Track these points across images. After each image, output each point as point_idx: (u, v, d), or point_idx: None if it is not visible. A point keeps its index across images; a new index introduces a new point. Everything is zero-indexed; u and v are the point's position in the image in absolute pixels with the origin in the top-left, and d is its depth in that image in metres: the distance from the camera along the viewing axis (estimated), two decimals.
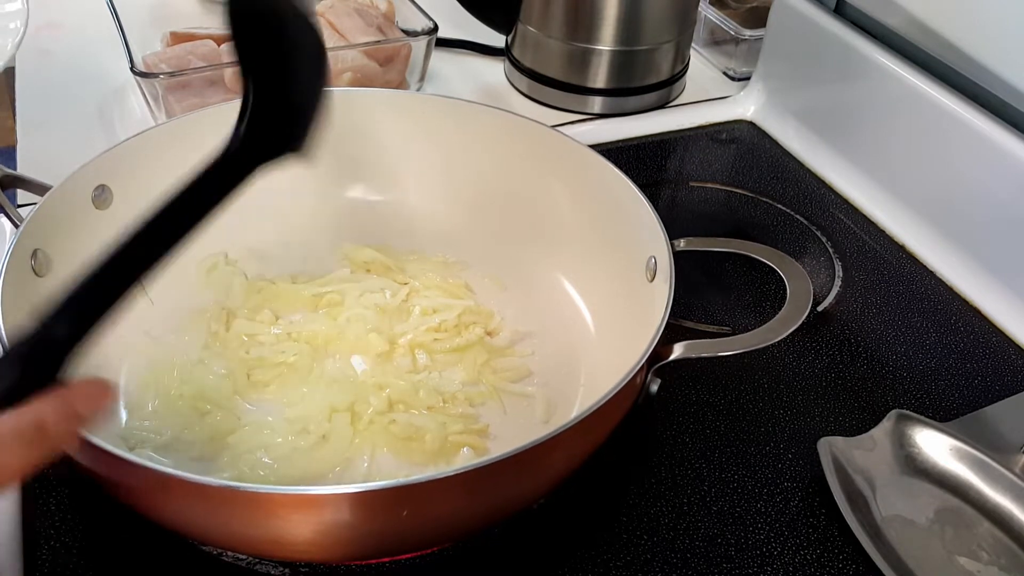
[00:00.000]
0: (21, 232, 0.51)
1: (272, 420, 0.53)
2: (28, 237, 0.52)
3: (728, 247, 0.55)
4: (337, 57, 0.77)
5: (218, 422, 0.52)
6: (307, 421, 0.52)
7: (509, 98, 0.86)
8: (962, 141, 0.66)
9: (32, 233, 0.52)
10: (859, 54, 0.73)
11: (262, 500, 0.39)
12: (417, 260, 0.63)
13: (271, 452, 0.51)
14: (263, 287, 0.61)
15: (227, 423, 0.52)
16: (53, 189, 0.54)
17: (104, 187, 0.57)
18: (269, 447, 0.51)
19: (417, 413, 0.53)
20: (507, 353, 0.58)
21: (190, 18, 0.92)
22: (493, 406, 0.55)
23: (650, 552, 0.49)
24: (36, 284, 0.52)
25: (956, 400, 0.58)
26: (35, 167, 0.68)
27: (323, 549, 0.43)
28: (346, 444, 0.51)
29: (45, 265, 0.53)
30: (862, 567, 0.48)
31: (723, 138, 0.83)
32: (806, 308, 0.49)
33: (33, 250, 0.52)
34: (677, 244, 0.53)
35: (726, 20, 0.90)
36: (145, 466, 0.39)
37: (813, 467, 0.52)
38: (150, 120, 0.77)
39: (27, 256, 0.51)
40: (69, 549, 0.47)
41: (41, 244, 0.52)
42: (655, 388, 0.48)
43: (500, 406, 0.55)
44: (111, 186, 0.57)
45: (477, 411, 0.54)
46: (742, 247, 0.54)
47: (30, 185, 0.57)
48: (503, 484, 0.43)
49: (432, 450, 0.51)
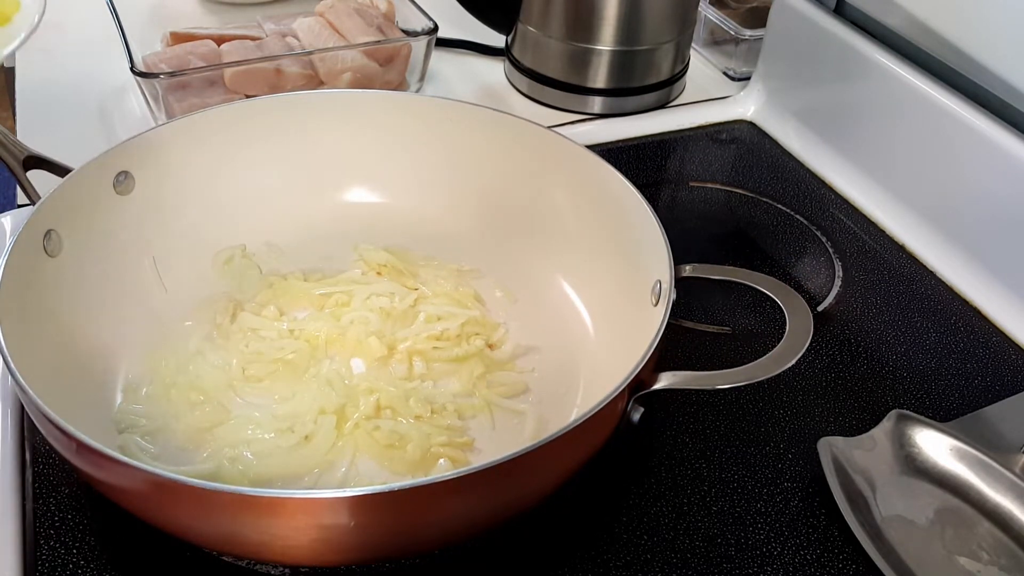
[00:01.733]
0: (37, 210, 0.52)
1: (259, 416, 0.53)
2: (43, 216, 0.52)
3: (734, 276, 0.53)
4: (337, 57, 0.77)
5: (207, 413, 0.53)
6: (294, 420, 0.52)
7: (509, 98, 0.86)
8: (962, 141, 0.66)
9: (48, 213, 0.52)
10: (859, 54, 0.73)
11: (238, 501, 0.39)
12: (433, 267, 0.63)
13: (253, 447, 0.51)
14: (274, 282, 0.61)
15: (216, 415, 0.52)
16: (75, 171, 0.55)
17: (127, 173, 0.58)
18: (252, 443, 0.51)
19: (403, 421, 0.53)
20: (506, 367, 0.57)
21: (190, 18, 0.92)
22: (483, 420, 0.54)
23: (650, 552, 0.49)
24: (45, 264, 0.52)
25: (956, 400, 0.58)
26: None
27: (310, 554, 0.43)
28: (328, 446, 0.51)
29: (57, 246, 0.53)
30: (862, 567, 0.48)
31: (723, 138, 0.83)
32: (802, 347, 0.48)
33: (47, 230, 0.52)
34: (683, 270, 0.52)
35: (726, 20, 0.90)
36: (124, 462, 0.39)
37: (813, 467, 0.52)
38: (150, 120, 0.77)
39: (40, 235, 0.52)
40: (69, 549, 0.47)
41: (55, 225, 0.53)
42: (637, 417, 0.46)
43: (490, 420, 0.54)
44: (134, 173, 0.58)
45: (465, 424, 0.54)
46: (749, 278, 0.53)
47: (53, 167, 0.57)
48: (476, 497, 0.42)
49: (412, 460, 0.51)
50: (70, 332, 0.53)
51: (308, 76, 0.78)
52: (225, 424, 0.52)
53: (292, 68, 0.77)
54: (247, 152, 0.64)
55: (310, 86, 0.78)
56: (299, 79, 0.77)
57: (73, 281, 0.54)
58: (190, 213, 0.62)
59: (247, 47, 0.79)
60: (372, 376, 0.56)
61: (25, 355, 0.44)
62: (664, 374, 0.47)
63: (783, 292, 0.52)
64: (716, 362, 0.59)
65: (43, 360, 0.48)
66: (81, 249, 0.55)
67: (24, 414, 0.54)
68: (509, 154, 0.63)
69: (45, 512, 0.49)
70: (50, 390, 0.43)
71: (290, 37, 0.82)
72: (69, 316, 0.53)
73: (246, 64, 0.75)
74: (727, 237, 0.72)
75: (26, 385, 0.42)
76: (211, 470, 0.49)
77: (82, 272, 0.55)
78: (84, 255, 0.55)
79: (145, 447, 0.51)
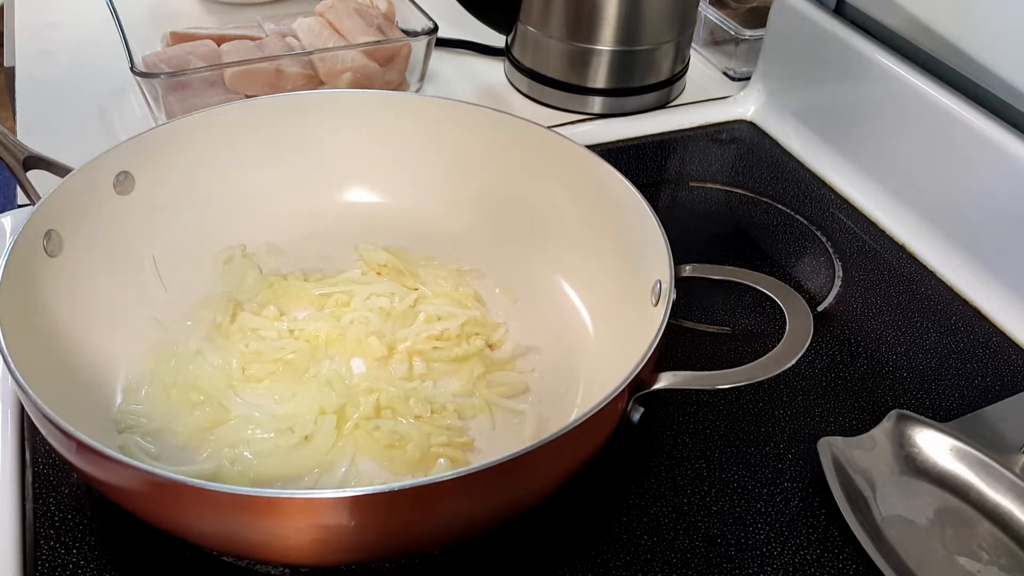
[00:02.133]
0: (37, 210, 0.52)
1: (260, 416, 0.53)
2: (43, 216, 0.52)
3: (734, 276, 0.54)
4: (337, 57, 0.77)
5: (207, 414, 0.53)
6: (294, 420, 0.52)
7: (509, 98, 0.86)
8: (962, 141, 0.66)
9: (48, 212, 0.52)
10: (859, 54, 0.73)
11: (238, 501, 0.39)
12: (433, 266, 0.63)
13: (253, 447, 0.51)
14: (274, 282, 0.61)
15: (216, 415, 0.53)
16: (75, 171, 0.55)
17: (127, 173, 0.58)
18: (252, 443, 0.51)
19: (403, 421, 0.53)
20: (507, 367, 0.57)
21: (190, 18, 0.92)
22: (483, 420, 0.54)
23: (650, 552, 0.49)
24: (45, 264, 0.52)
25: (956, 400, 0.58)
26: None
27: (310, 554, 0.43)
28: (328, 447, 0.51)
29: (57, 246, 0.53)
30: (862, 567, 0.48)
31: (723, 138, 0.83)
32: (802, 347, 0.48)
33: (47, 230, 0.52)
34: (683, 270, 0.52)
35: (726, 20, 0.90)
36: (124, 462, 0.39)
37: (813, 467, 0.52)
38: (150, 120, 0.77)
39: (40, 235, 0.52)
40: (69, 549, 0.47)
41: (56, 225, 0.53)
42: (637, 417, 0.46)
43: (490, 420, 0.54)
44: (134, 173, 0.58)
45: (465, 424, 0.54)
46: (749, 278, 0.53)
47: (53, 166, 0.57)
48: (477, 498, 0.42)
49: (412, 459, 0.51)
50: (70, 332, 0.53)
51: (308, 76, 0.78)
52: (225, 424, 0.52)
53: (292, 68, 0.77)
54: (247, 152, 0.64)
55: (310, 86, 0.78)
56: (299, 79, 0.77)
57: (73, 281, 0.54)
58: (190, 213, 0.62)
59: (247, 47, 0.79)
60: (372, 376, 0.56)
61: (25, 355, 0.44)
62: (664, 374, 0.47)
63: (783, 292, 0.52)
64: (716, 362, 0.59)
65: (43, 360, 0.48)
66: (81, 249, 0.55)
67: (24, 414, 0.54)
68: (509, 154, 0.63)
69: (45, 512, 0.49)
70: (50, 390, 0.43)
71: (290, 37, 0.82)
72: (69, 316, 0.53)
73: (246, 64, 0.75)
74: (727, 237, 0.72)
75: (26, 385, 0.42)
76: (211, 470, 0.49)
77: (82, 272, 0.55)
78: (84, 255, 0.55)
79: (145, 447, 0.51)
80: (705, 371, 0.47)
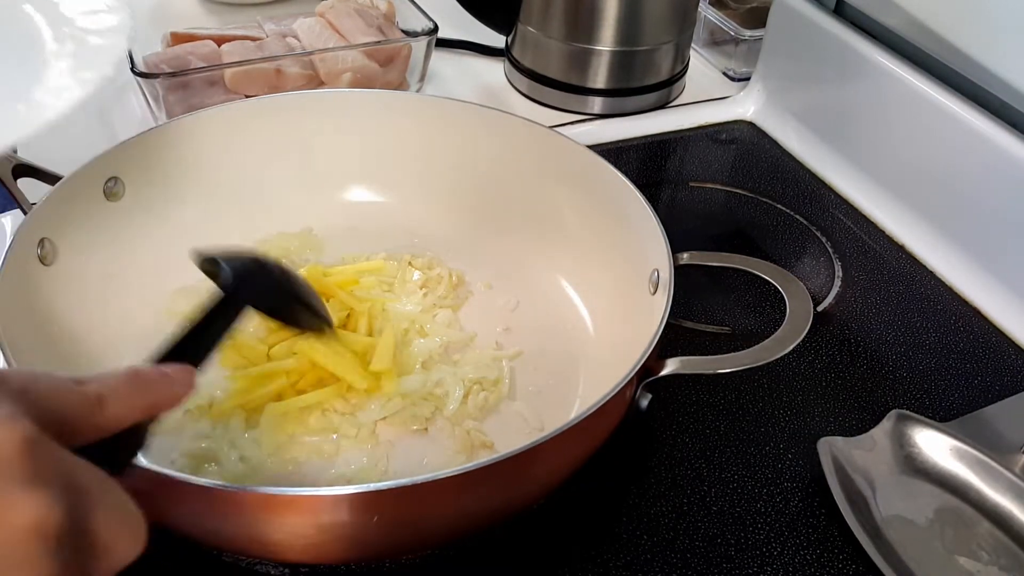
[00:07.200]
0: (29, 219, 0.51)
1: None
2: (36, 224, 0.52)
3: (731, 263, 0.54)
4: (337, 57, 0.77)
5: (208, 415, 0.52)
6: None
7: (509, 98, 0.86)
8: (962, 141, 0.66)
9: (40, 221, 0.52)
10: (859, 54, 0.73)
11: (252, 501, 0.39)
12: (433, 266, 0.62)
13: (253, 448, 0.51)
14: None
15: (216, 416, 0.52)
16: (65, 178, 0.54)
17: (117, 179, 0.57)
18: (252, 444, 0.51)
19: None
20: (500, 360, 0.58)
21: (190, 18, 0.92)
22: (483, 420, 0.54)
23: (650, 552, 0.49)
24: (41, 273, 0.52)
25: (956, 400, 0.58)
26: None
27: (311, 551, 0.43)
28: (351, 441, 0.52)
29: (51, 254, 0.53)
30: (862, 567, 0.48)
31: (723, 138, 0.83)
32: (804, 328, 0.49)
33: (40, 239, 0.52)
34: (680, 258, 0.53)
35: (726, 20, 0.90)
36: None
37: (813, 467, 0.52)
38: (150, 120, 0.77)
39: (33, 244, 0.51)
40: None
41: (49, 233, 0.53)
42: (645, 403, 0.47)
43: (490, 420, 0.54)
44: (123, 179, 0.57)
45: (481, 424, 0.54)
46: (745, 263, 0.54)
47: (42, 174, 0.56)
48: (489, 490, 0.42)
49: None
50: (70, 339, 0.53)
51: (308, 76, 0.78)
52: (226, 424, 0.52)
53: (292, 68, 0.77)
54: (247, 152, 0.64)
55: (310, 86, 0.78)
56: (299, 79, 0.77)
57: (71, 288, 0.54)
58: (189, 214, 0.62)
59: (247, 47, 0.79)
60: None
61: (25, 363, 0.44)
62: (670, 360, 0.48)
63: (781, 276, 0.53)
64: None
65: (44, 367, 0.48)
66: (77, 255, 0.54)
67: None
68: (509, 154, 0.63)
69: None
70: None
71: (290, 37, 0.82)
72: (68, 323, 0.53)
73: (246, 64, 0.75)
74: (727, 237, 0.72)
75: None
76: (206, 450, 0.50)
77: (79, 278, 0.54)
78: (80, 261, 0.55)
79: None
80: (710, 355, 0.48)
